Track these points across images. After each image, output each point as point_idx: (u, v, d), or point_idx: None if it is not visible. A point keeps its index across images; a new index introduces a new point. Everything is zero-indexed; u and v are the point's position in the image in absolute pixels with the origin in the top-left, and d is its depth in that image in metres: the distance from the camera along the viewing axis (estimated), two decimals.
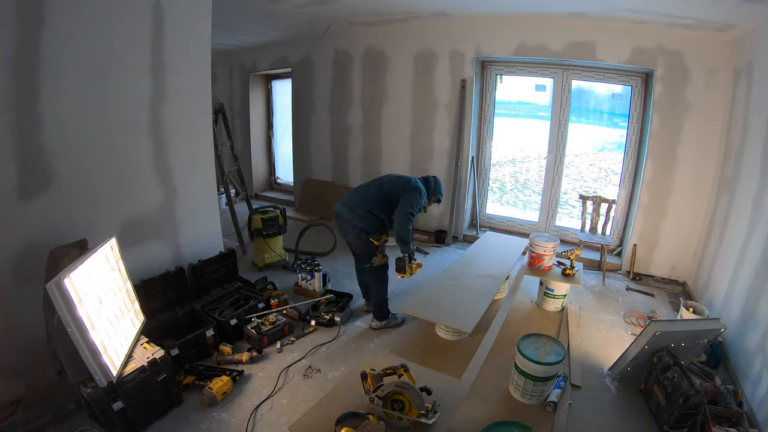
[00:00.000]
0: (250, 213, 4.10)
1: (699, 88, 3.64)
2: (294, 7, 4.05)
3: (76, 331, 1.77)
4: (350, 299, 3.48)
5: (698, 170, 3.79)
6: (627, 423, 2.29)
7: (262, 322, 2.92)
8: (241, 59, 6.37)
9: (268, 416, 2.26)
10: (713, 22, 3.17)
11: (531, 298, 3.66)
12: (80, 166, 2.38)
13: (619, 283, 4.03)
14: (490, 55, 4.46)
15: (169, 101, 2.81)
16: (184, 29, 2.82)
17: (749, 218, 2.82)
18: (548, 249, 3.34)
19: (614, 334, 3.16)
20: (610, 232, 4.24)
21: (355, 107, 5.37)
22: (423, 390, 1.77)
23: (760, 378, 2.28)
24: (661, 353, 2.37)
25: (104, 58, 2.40)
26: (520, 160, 10.17)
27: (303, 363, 2.72)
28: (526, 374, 2.32)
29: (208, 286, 3.17)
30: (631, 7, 3.30)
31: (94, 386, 1.92)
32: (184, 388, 2.40)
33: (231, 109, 6.61)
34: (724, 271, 3.10)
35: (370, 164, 5.46)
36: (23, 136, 2.12)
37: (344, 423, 1.66)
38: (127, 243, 2.57)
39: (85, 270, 1.92)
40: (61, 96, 2.24)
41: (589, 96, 6.66)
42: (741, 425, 2.16)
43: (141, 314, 2.45)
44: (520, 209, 7.02)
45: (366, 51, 5.09)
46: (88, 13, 2.28)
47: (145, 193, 2.80)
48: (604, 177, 8.51)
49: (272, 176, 7.08)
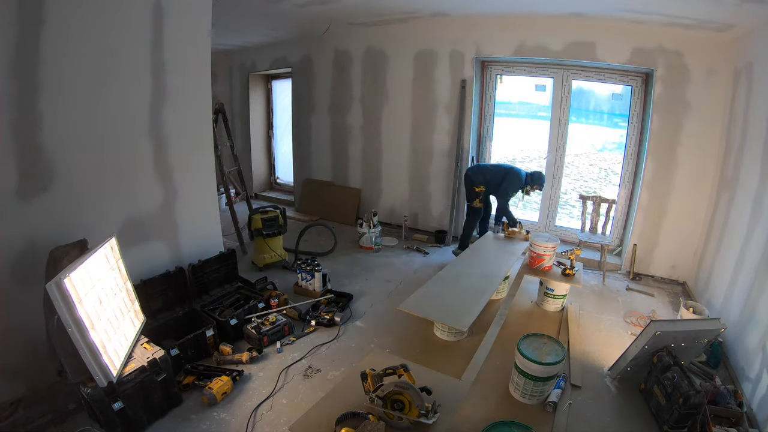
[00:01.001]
0: (250, 213, 4.10)
1: (699, 88, 3.64)
2: (294, 7, 4.05)
3: (76, 331, 1.77)
4: (350, 299, 3.48)
5: (698, 170, 3.79)
6: (627, 423, 2.29)
7: (262, 322, 2.91)
8: (241, 59, 6.37)
9: (268, 416, 2.26)
10: (713, 22, 3.17)
11: (531, 298, 3.66)
12: (80, 166, 2.38)
13: (619, 283, 4.03)
14: (490, 55, 4.46)
15: (169, 101, 2.81)
16: (184, 29, 2.82)
17: (749, 218, 2.82)
18: (548, 249, 3.34)
19: (614, 334, 3.16)
20: (610, 232, 4.24)
21: (355, 107, 5.37)
22: (423, 390, 1.77)
23: (760, 378, 2.28)
24: (661, 353, 2.37)
25: (104, 58, 2.40)
26: (520, 160, 10.16)
27: (303, 363, 2.72)
28: (526, 374, 2.32)
29: (208, 286, 3.17)
30: (631, 7, 3.31)
31: (94, 386, 1.92)
32: (184, 388, 2.40)
33: (231, 109, 6.61)
34: (724, 271, 3.11)
35: (370, 164, 5.46)
36: (23, 136, 2.12)
37: (344, 423, 1.66)
38: (127, 243, 2.57)
39: (85, 270, 1.92)
40: (61, 96, 2.24)
41: (589, 96, 6.67)
42: (741, 425, 2.16)
43: (141, 314, 2.45)
44: (520, 209, 7.01)
45: (366, 51, 5.09)
46: (88, 13, 2.28)
47: (145, 193, 2.80)
48: (604, 177, 8.52)
49: (272, 176, 7.08)
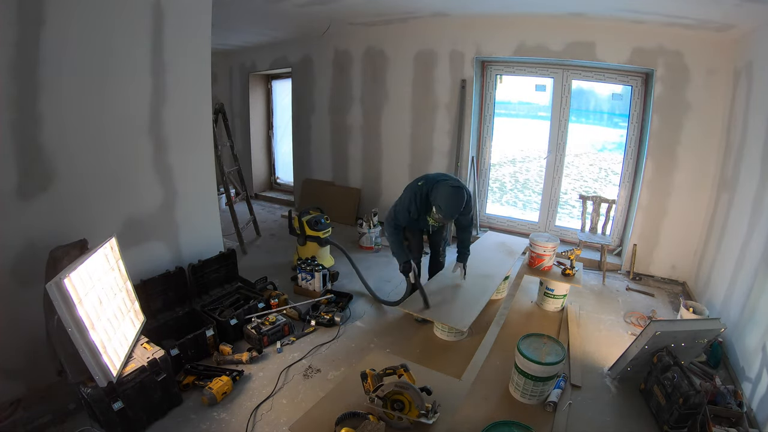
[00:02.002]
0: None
1: (699, 88, 3.64)
2: (294, 7, 4.05)
3: (76, 331, 1.77)
4: (350, 299, 3.48)
5: (698, 170, 3.79)
6: (627, 423, 2.29)
7: (262, 322, 2.91)
8: (241, 59, 6.37)
9: (268, 416, 2.26)
10: (713, 22, 3.17)
11: (531, 298, 3.66)
12: (80, 166, 2.38)
13: (619, 283, 4.03)
14: (490, 55, 4.46)
15: (169, 101, 2.81)
16: (184, 29, 2.82)
17: (749, 218, 2.82)
18: (548, 249, 3.34)
19: (614, 334, 3.16)
20: (610, 232, 4.24)
21: (355, 107, 5.37)
22: (423, 390, 1.77)
23: (760, 378, 2.28)
24: (661, 353, 2.37)
25: (104, 58, 2.40)
26: (520, 160, 10.17)
27: (303, 363, 2.72)
28: (526, 374, 2.32)
29: (208, 286, 3.17)
30: (631, 7, 3.30)
31: (94, 386, 1.92)
32: (184, 388, 2.40)
33: (231, 109, 6.61)
34: (724, 271, 3.10)
35: (370, 164, 5.46)
36: (23, 136, 2.12)
37: (344, 423, 1.66)
38: (127, 243, 2.57)
39: (85, 270, 1.92)
40: (61, 96, 2.24)
41: (589, 96, 6.66)
42: (741, 425, 2.16)
43: (141, 314, 2.45)
44: (520, 209, 7.02)
45: (366, 51, 5.09)
46: (88, 13, 2.28)
47: (145, 193, 2.80)
48: (604, 177, 8.52)
49: (272, 176, 7.08)
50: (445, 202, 2.69)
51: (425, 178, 2.88)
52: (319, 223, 3.92)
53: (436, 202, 2.73)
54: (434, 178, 2.85)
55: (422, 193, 2.79)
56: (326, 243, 3.93)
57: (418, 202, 2.79)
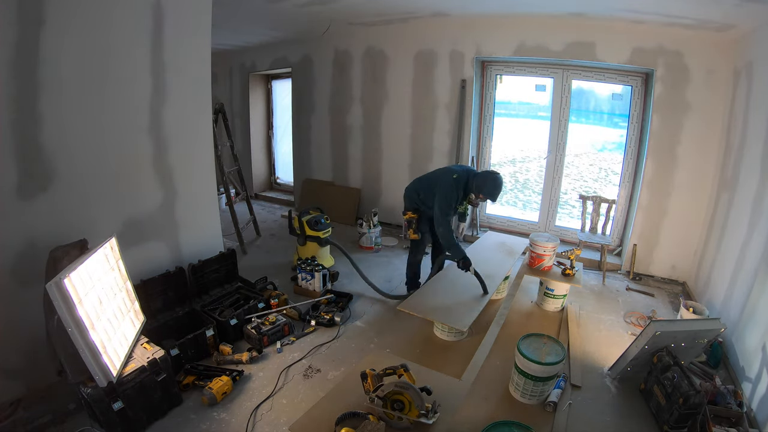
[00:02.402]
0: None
1: (699, 88, 3.64)
2: (294, 7, 4.05)
3: (76, 331, 1.77)
4: (350, 299, 3.48)
5: (698, 170, 3.79)
6: (627, 423, 2.29)
7: (262, 322, 2.91)
8: (241, 59, 6.37)
9: (268, 416, 2.26)
10: (713, 22, 3.17)
11: (531, 298, 3.66)
12: (80, 166, 2.38)
13: (619, 283, 4.03)
14: (490, 55, 4.46)
15: (169, 101, 2.81)
16: (184, 29, 2.82)
17: (749, 218, 2.82)
18: (548, 249, 3.34)
19: (614, 334, 3.16)
20: (610, 232, 4.24)
21: (355, 107, 5.37)
22: (423, 390, 1.77)
23: (760, 378, 2.28)
24: (661, 353, 2.37)
25: (104, 58, 2.40)
26: (520, 160, 10.18)
27: (303, 363, 2.72)
28: (526, 374, 2.32)
29: (208, 286, 3.17)
30: (631, 7, 3.30)
31: (94, 386, 1.92)
32: (184, 388, 2.40)
33: (231, 109, 6.61)
34: (724, 271, 3.10)
35: (370, 164, 5.46)
36: (23, 135, 2.12)
37: (344, 423, 1.66)
38: (127, 243, 2.57)
39: (85, 270, 1.92)
40: (61, 96, 2.24)
41: (589, 96, 6.67)
42: (741, 425, 2.15)
43: (141, 314, 2.45)
44: (520, 209, 7.03)
45: (366, 51, 5.09)
46: (88, 12, 2.28)
47: (145, 193, 2.80)
48: (604, 177, 8.52)
49: (272, 176, 7.08)
50: (492, 187, 3.08)
51: (450, 170, 3.21)
52: (319, 223, 3.92)
53: (482, 190, 3.08)
54: (460, 170, 3.20)
55: (461, 185, 3.10)
56: (326, 243, 3.93)
57: (460, 193, 3.12)
